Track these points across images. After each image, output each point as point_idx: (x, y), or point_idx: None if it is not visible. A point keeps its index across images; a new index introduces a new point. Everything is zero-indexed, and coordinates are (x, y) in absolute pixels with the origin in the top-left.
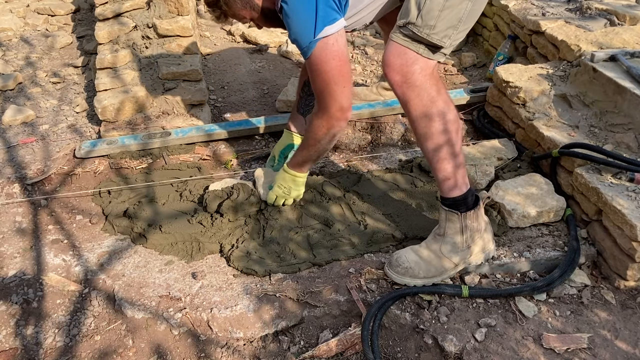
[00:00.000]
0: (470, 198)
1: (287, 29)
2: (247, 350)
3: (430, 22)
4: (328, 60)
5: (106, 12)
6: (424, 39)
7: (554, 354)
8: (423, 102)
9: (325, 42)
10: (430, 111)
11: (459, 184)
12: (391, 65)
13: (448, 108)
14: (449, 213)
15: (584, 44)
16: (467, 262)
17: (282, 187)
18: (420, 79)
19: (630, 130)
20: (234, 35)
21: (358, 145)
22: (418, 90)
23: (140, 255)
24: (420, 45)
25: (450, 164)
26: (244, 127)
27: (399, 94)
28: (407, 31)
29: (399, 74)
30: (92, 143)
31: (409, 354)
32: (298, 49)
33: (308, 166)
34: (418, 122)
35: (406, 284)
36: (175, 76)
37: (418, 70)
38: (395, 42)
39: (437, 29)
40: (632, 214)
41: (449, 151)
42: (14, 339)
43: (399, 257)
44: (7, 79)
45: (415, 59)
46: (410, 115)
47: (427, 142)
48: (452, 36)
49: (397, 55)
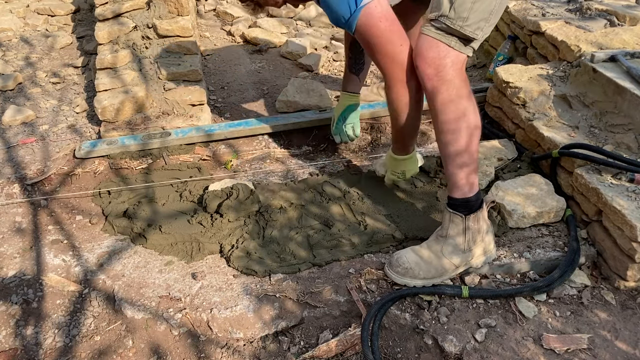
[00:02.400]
0: (477, 201)
1: (323, 8)
2: (247, 351)
3: (463, 14)
4: (376, 24)
5: (106, 13)
6: (457, 31)
7: (554, 355)
8: (451, 97)
9: (367, 8)
10: (457, 107)
11: (470, 186)
12: (424, 57)
13: (473, 107)
14: (453, 215)
15: (584, 45)
16: (468, 265)
17: (396, 174)
18: (452, 73)
19: (630, 130)
20: (234, 35)
21: (358, 145)
22: (448, 84)
23: (140, 256)
24: (452, 38)
25: (465, 164)
26: (244, 127)
27: (429, 87)
28: (439, 24)
29: (432, 66)
30: (92, 143)
31: (409, 354)
32: (341, 26)
33: (409, 143)
34: (442, 117)
35: (406, 284)
36: (175, 76)
37: (450, 63)
38: (428, 36)
39: (469, 21)
40: (632, 215)
41: (466, 151)
42: (14, 339)
43: (399, 258)
44: (7, 79)
45: (447, 52)
46: (435, 109)
47: (447, 138)
48: (484, 29)
49: (430, 48)
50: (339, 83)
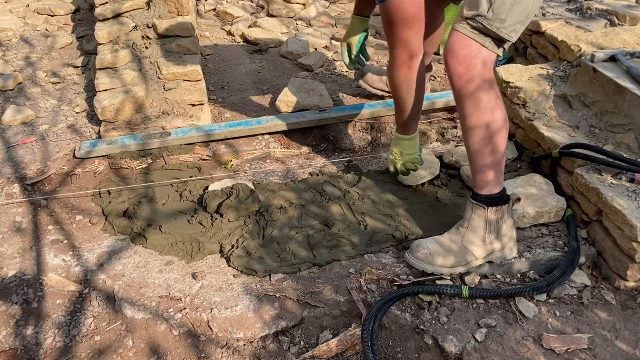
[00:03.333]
0: (501, 197)
1: None
2: (247, 351)
3: (501, 16)
4: (406, 8)
5: (106, 12)
6: (494, 32)
7: (554, 355)
8: (478, 95)
9: None
10: (485, 106)
11: (496, 182)
12: (456, 55)
13: (500, 106)
14: (476, 206)
15: (584, 45)
16: (487, 258)
17: (393, 153)
18: (481, 72)
19: (630, 130)
20: (234, 35)
21: (358, 145)
22: (477, 83)
23: (140, 256)
24: (487, 38)
25: (491, 161)
26: (243, 127)
27: (457, 85)
28: (475, 23)
29: (463, 64)
30: (92, 143)
31: (409, 354)
32: None
33: (407, 123)
34: (469, 115)
35: (424, 269)
36: (175, 76)
37: (480, 63)
38: (461, 33)
39: (507, 23)
40: (632, 214)
41: (492, 149)
42: (14, 339)
43: (419, 244)
44: (7, 79)
45: (479, 52)
46: (463, 107)
47: (474, 136)
48: (519, 31)
49: (463, 45)
50: (339, 83)
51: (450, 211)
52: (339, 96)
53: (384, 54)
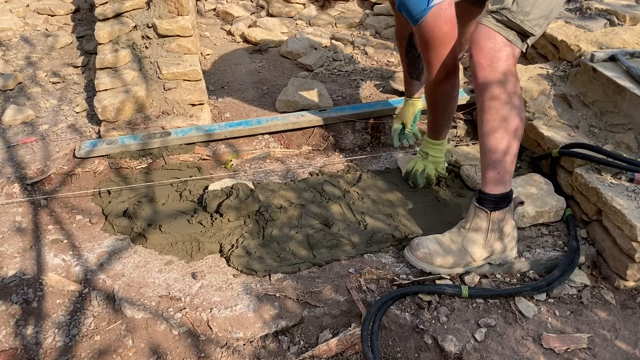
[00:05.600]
0: (505, 199)
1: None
2: (247, 350)
3: (525, 9)
4: (441, 26)
5: (106, 12)
6: (518, 25)
7: (554, 354)
8: (500, 90)
9: (439, 7)
10: (505, 101)
11: (505, 182)
12: (481, 47)
13: (520, 104)
14: (479, 209)
15: (584, 44)
16: (487, 260)
17: (422, 153)
18: (504, 66)
19: (630, 130)
20: (234, 34)
21: (358, 145)
22: (500, 77)
23: (140, 255)
24: (511, 32)
25: (502, 161)
26: (243, 126)
27: (480, 77)
28: (500, 16)
29: (487, 57)
30: (92, 143)
31: (408, 354)
32: (406, 16)
33: (438, 131)
34: (489, 109)
35: (423, 269)
36: (175, 76)
37: (504, 56)
38: (486, 26)
39: (531, 16)
40: (631, 214)
41: (505, 149)
42: (14, 338)
43: (419, 242)
44: (7, 79)
45: (504, 45)
46: (484, 101)
47: (491, 130)
48: (543, 26)
49: (487, 38)
50: (339, 83)
51: (451, 211)
52: (339, 96)
53: (384, 54)
